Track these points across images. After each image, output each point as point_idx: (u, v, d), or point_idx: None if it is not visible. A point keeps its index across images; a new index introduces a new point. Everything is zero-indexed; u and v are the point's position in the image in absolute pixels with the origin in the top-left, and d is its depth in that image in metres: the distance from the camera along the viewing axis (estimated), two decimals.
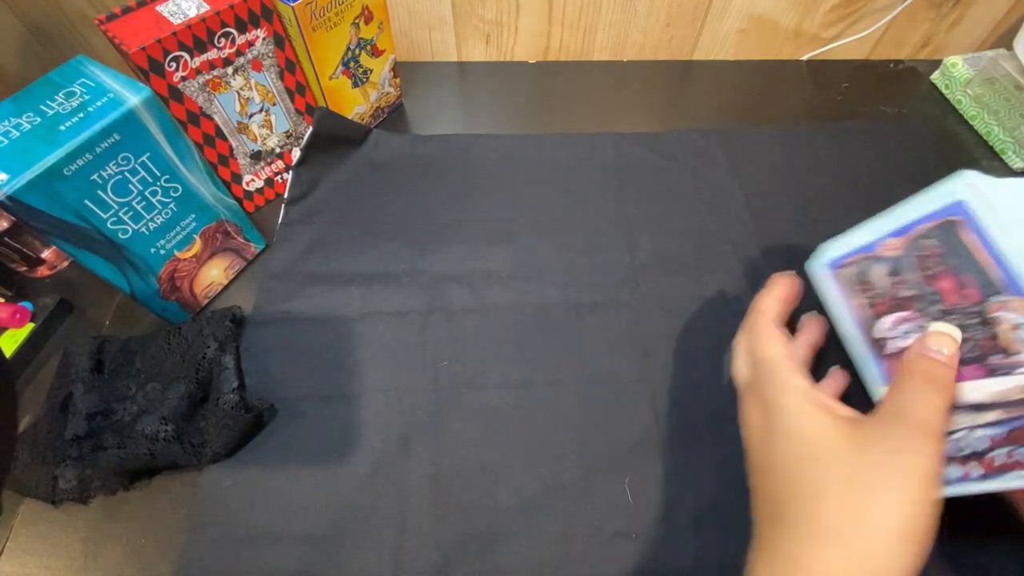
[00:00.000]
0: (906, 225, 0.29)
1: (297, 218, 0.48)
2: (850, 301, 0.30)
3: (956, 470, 0.26)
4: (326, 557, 0.33)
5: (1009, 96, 0.52)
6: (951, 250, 0.27)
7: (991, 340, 0.25)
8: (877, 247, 0.30)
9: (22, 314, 0.41)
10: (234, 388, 0.37)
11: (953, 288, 0.27)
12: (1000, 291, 0.25)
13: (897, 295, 0.28)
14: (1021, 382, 0.25)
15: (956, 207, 0.27)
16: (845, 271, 0.31)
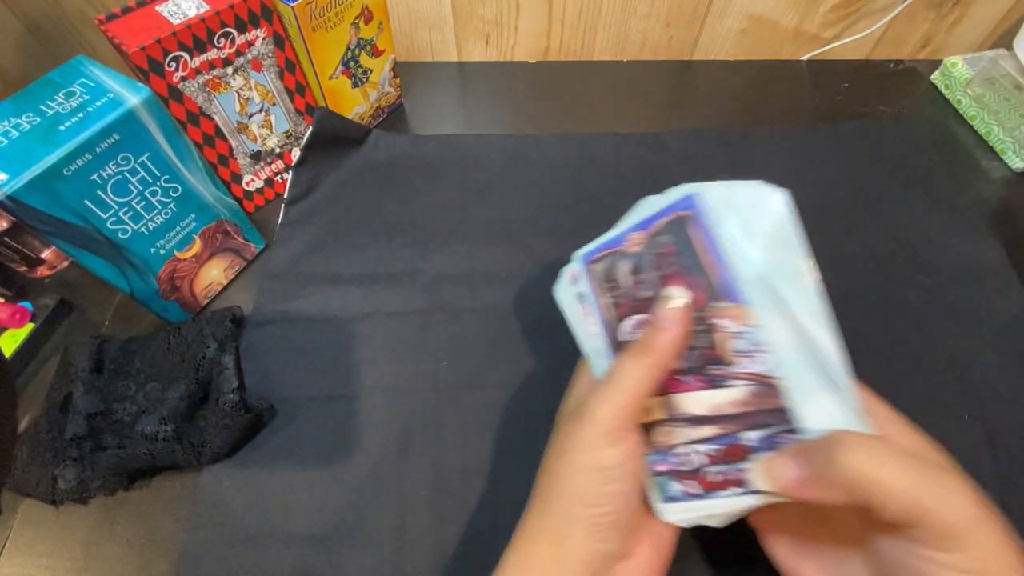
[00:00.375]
0: (647, 218, 0.27)
1: (297, 218, 0.48)
2: (599, 300, 0.29)
3: (677, 486, 0.26)
4: (326, 557, 0.33)
5: (1009, 96, 0.52)
6: (682, 248, 0.25)
7: (712, 349, 0.24)
8: (624, 241, 0.28)
9: (22, 314, 0.41)
10: (234, 388, 0.37)
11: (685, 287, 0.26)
12: (719, 297, 0.24)
13: (638, 295, 0.27)
14: (734, 396, 0.24)
15: (687, 201, 0.25)
16: (596, 267, 0.29)
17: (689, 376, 0.26)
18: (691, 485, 0.26)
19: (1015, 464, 0.36)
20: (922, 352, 0.40)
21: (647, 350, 0.25)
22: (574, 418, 0.26)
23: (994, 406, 0.38)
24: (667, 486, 0.27)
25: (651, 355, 0.25)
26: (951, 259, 0.45)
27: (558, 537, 0.25)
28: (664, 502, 0.27)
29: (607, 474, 0.24)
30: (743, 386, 0.24)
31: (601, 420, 0.25)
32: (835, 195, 0.49)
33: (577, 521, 0.24)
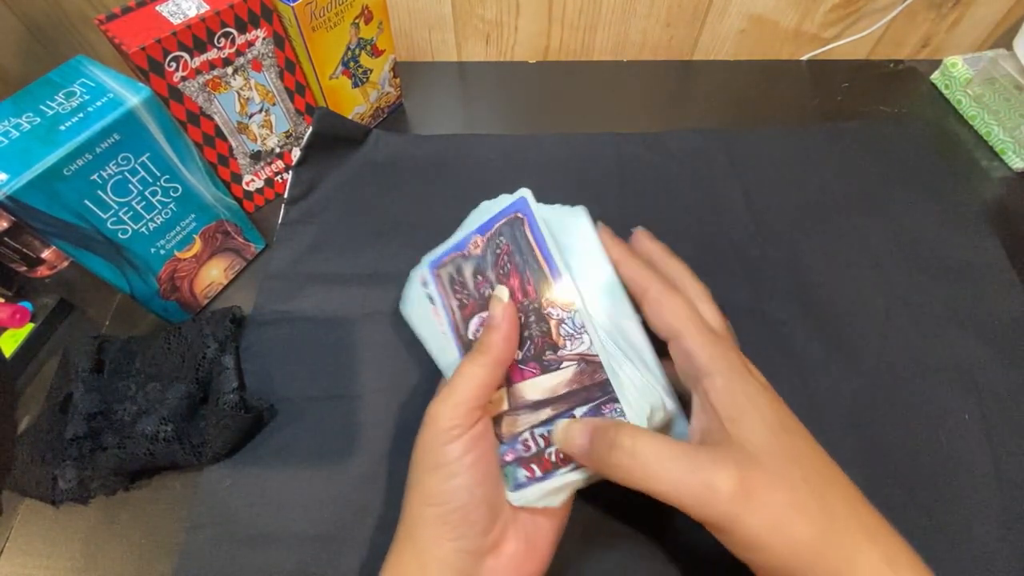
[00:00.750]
0: (486, 222, 0.30)
1: (297, 218, 0.48)
2: (447, 302, 0.31)
3: (523, 472, 0.27)
4: (326, 557, 0.33)
5: (1009, 96, 0.52)
6: (517, 247, 0.29)
7: (546, 337, 0.28)
8: (467, 245, 0.31)
9: (22, 314, 0.41)
10: (234, 388, 0.37)
11: (519, 286, 0.28)
12: (551, 288, 0.28)
13: (482, 294, 0.29)
14: (564, 376, 0.27)
15: (521, 202, 0.29)
16: (443, 271, 0.32)
17: (528, 364, 0.28)
18: (534, 469, 0.27)
19: (1015, 464, 0.36)
20: (922, 352, 0.40)
21: (482, 349, 0.27)
22: (423, 425, 0.27)
23: (994, 406, 0.38)
24: (514, 474, 0.28)
25: (486, 353, 0.27)
26: (951, 259, 0.45)
27: (417, 542, 0.26)
28: (514, 490, 0.28)
29: (447, 470, 0.26)
30: (571, 366, 0.27)
31: (438, 419, 0.26)
32: (835, 195, 0.49)
33: (428, 522, 0.26)
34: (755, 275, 0.44)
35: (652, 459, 0.23)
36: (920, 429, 0.37)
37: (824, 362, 0.40)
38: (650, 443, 0.23)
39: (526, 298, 0.28)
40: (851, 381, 0.39)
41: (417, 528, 0.26)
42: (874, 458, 0.36)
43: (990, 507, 0.34)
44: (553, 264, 0.28)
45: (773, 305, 0.43)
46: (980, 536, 0.33)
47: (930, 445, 0.37)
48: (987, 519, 0.34)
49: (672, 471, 0.23)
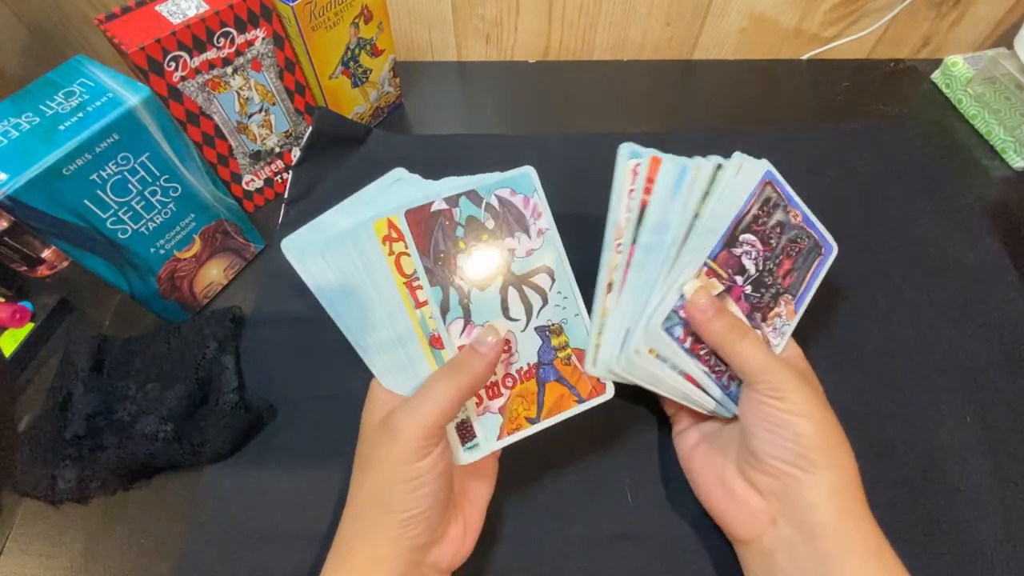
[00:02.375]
0: (810, 220, 0.36)
1: (297, 218, 0.48)
2: (752, 203, 0.34)
3: (679, 330, 0.32)
4: (325, 557, 0.33)
5: (1010, 95, 0.52)
6: (807, 256, 0.35)
7: (767, 307, 0.34)
8: (792, 207, 0.35)
9: (22, 314, 0.41)
10: (234, 388, 0.37)
11: (787, 269, 0.35)
12: (794, 296, 0.35)
13: (768, 235, 0.34)
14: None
15: (829, 248, 0.36)
16: (768, 188, 0.35)
17: (747, 302, 0.33)
18: (687, 339, 0.32)
19: (1015, 464, 0.36)
20: (922, 352, 0.40)
21: (461, 370, 0.28)
22: (383, 432, 0.28)
23: (994, 406, 0.38)
24: (674, 326, 0.31)
25: (465, 376, 0.28)
26: (952, 259, 0.45)
27: (373, 539, 0.27)
28: (664, 329, 0.31)
29: (418, 481, 0.26)
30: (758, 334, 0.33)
31: (411, 439, 0.26)
32: (835, 195, 0.49)
33: (391, 525, 0.26)
34: None
35: (755, 342, 0.30)
36: (920, 429, 0.37)
37: (825, 362, 0.40)
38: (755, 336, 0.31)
39: (781, 279, 0.34)
40: (851, 381, 0.39)
41: (372, 528, 0.27)
42: (874, 458, 0.36)
43: (990, 507, 0.34)
44: (806, 295, 0.35)
45: None
46: (980, 536, 0.33)
47: (930, 446, 0.36)
48: (987, 519, 0.34)
49: (762, 349, 0.30)
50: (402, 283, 0.30)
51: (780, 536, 0.28)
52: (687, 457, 0.34)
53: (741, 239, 0.33)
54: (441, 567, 0.29)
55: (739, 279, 0.33)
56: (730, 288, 0.32)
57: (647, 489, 0.35)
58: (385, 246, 0.30)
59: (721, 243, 0.32)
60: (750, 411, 0.30)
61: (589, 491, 0.35)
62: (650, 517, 0.34)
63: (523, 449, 0.36)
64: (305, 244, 0.33)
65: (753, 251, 0.33)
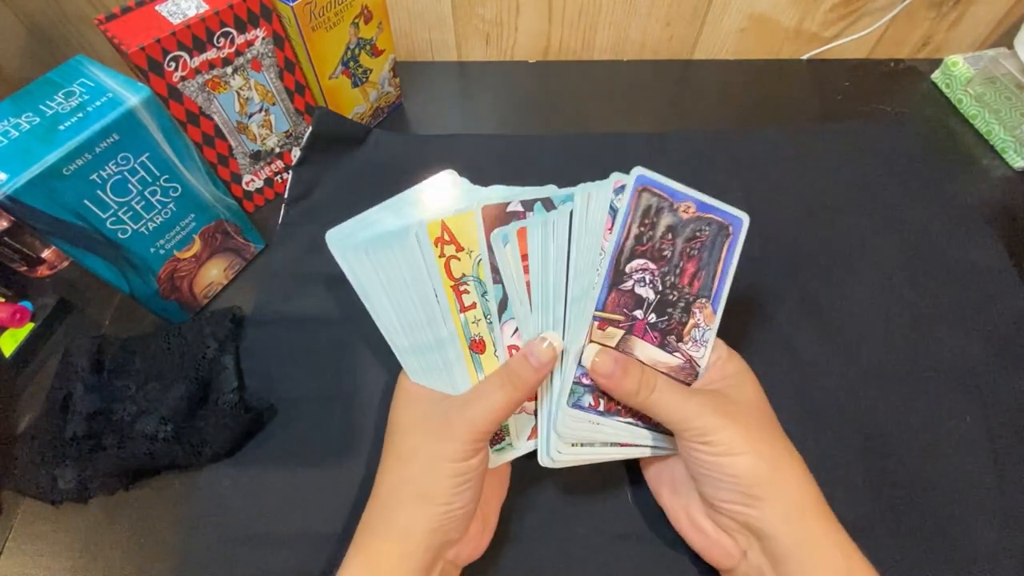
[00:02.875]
0: (708, 205, 0.32)
1: (297, 218, 0.48)
2: (629, 223, 0.31)
3: (589, 399, 0.31)
4: (326, 557, 0.33)
5: (1010, 95, 0.52)
6: (712, 248, 0.32)
7: (680, 326, 0.31)
8: (680, 203, 0.32)
9: (22, 314, 0.41)
10: (234, 388, 0.37)
11: (691, 274, 0.32)
12: (708, 297, 0.32)
13: (659, 249, 0.31)
14: (669, 362, 0.31)
15: (738, 222, 0.32)
16: (646, 196, 0.32)
17: (654, 333, 0.31)
18: (600, 402, 0.31)
19: (1015, 464, 0.36)
20: (922, 352, 0.40)
21: (516, 381, 0.29)
22: (436, 429, 0.29)
23: (994, 406, 0.38)
24: (580, 395, 0.31)
25: (520, 388, 0.29)
26: (952, 259, 0.45)
27: (406, 531, 0.27)
28: (572, 406, 0.30)
29: (464, 478, 0.28)
30: (678, 361, 0.32)
31: (466, 440, 0.28)
32: (835, 194, 0.49)
33: (431, 518, 0.27)
34: (756, 275, 0.44)
35: (667, 390, 0.29)
36: (921, 430, 0.37)
37: (824, 362, 0.40)
38: (667, 381, 0.30)
39: (688, 287, 0.31)
40: (852, 381, 0.39)
41: (410, 520, 0.27)
42: (874, 458, 0.36)
43: (990, 508, 0.34)
44: (723, 286, 0.32)
45: (774, 305, 0.43)
46: (980, 536, 0.33)
47: (931, 446, 0.36)
48: (987, 520, 0.34)
49: (676, 395, 0.29)
50: (450, 286, 0.31)
51: (752, 566, 0.28)
52: (655, 490, 0.34)
53: (628, 269, 0.31)
54: (458, 562, 0.30)
55: (639, 313, 0.31)
56: (631, 326, 0.31)
57: (647, 489, 0.35)
58: (437, 248, 0.31)
59: (606, 286, 0.31)
60: (687, 458, 0.29)
61: (590, 492, 0.35)
62: (650, 517, 0.34)
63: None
64: (350, 238, 0.33)
65: (646, 275, 0.31)
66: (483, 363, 0.32)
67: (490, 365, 0.32)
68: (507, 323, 0.32)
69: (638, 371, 0.30)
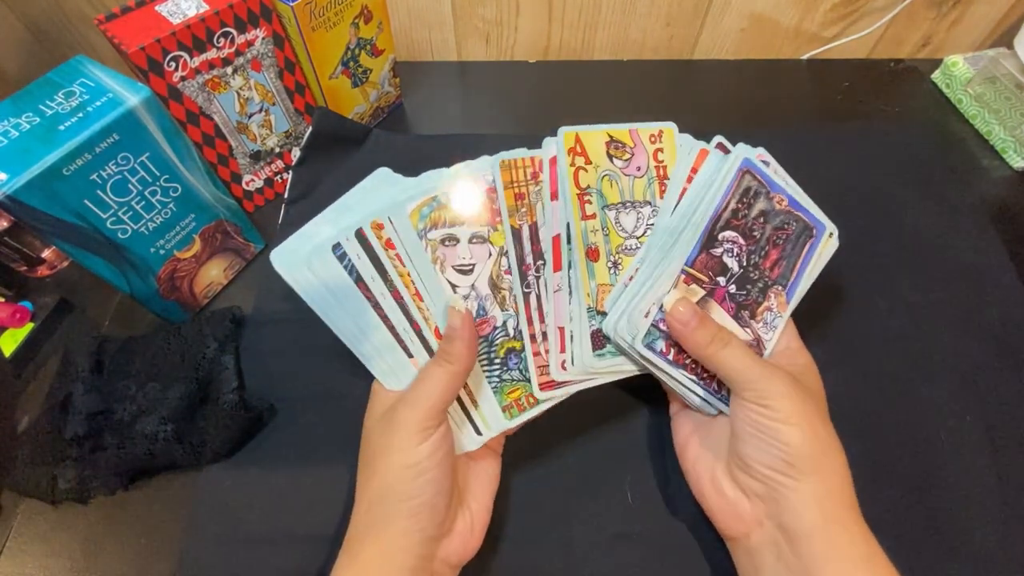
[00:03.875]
0: (799, 203, 0.34)
1: (297, 218, 0.48)
2: (730, 197, 0.33)
3: (661, 344, 0.32)
4: (326, 557, 0.33)
5: (1010, 95, 0.52)
6: (795, 241, 0.34)
7: (755, 304, 0.33)
8: (776, 193, 0.34)
9: (22, 314, 0.41)
10: (234, 388, 0.37)
11: (774, 260, 0.33)
12: (784, 286, 0.34)
13: (750, 228, 0.33)
14: (740, 335, 0.32)
15: (821, 227, 0.35)
16: (748, 177, 0.33)
17: (733, 303, 0.33)
18: (670, 350, 0.32)
19: (1015, 464, 0.36)
20: (922, 352, 0.40)
21: (448, 358, 0.29)
22: (384, 425, 0.29)
23: (994, 406, 0.38)
24: (655, 338, 0.32)
25: (453, 363, 0.29)
26: (952, 259, 0.45)
27: (381, 533, 0.27)
28: (644, 343, 0.31)
29: (419, 467, 0.27)
30: (750, 336, 0.33)
31: (410, 424, 0.28)
32: (835, 195, 0.49)
33: (397, 515, 0.27)
34: None
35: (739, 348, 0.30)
36: (921, 430, 0.37)
37: (825, 362, 0.40)
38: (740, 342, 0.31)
39: (769, 271, 0.33)
40: (852, 382, 0.39)
41: (385, 520, 0.27)
42: (875, 458, 0.36)
43: (990, 508, 0.34)
44: (799, 280, 0.34)
45: None
46: (980, 536, 0.33)
47: (931, 446, 0.36)
48: (987, 520, 0.34)
49: (748, 355, 0.30)
50: (575, 194, 0.35)
51: (766, 537, 0.28)
52: (681, 447, 0.34)
53: (721, 237, 0.32)
54: (451, 562, 0.29)
55: (722, 280, 0.32)
56: (713, 291, 0.32)
57: (647, 489, 0.35)
58: (568, 156, 0.36)
59: (699, 245, 0.32)
60: (738, 417, 0.30)
61: (590, 491, 0.35)
62: (650, 517, 0.34)
63: (523, 448, 0.36)
64: (292, 255, 0.33)
65: (735, 248, 0.33)
66: (596, 271, 0.33)
67: (602, 274, 0.33)
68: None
69: (714, 325, 0.31)
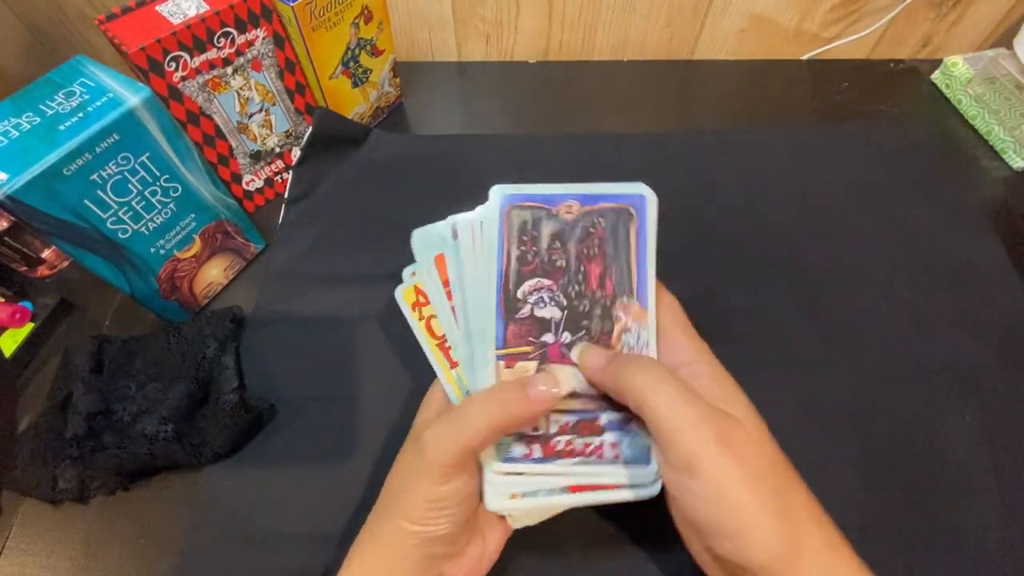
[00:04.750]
0: (593, 195, 0.28)
1: (297, 218, 0.48)
2: (506, 247, 0.28)
3: (520, 448, 0.26)
4: (326, 557, 0.33)
5: (1009, 95, 0.52)
6: (614, 238, 0.28)
7: (605, 336, 0.27)
8: (559, 204, 0.28)
9: (22, 314, 0.41)
10: (234, 388, 0.37)
11: (598, 275, 0.28)
12: (630, 293, 0.27)
13: (550, 261, 0.28)
14: None
15: (638, 199, 0.28)
16: (516, 214, 0.28)
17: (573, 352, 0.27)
18: (534, 449, 0.26)
19: (1015, 464, 0.36)
20: (922, 352, 0.40)
21: (503, 408, 0.25)
22: (413, 444, 0.27)
23: (994, 406, 0.38)
24: (510, 446, 0.26)
25: (505, 416, 0.25)
26: (952, 259, 0.45)
27: (389, 546, 0.26)
28: (503, 461, 0.26)
29: (440, 503, 0.25)
30: None
31: (437, 462, 0.25)
32: (835, 195, 0.49)
33: (407, 536, 0.25)
34: (755, 275, 0.44)
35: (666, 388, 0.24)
36: (921, 430, 0.37)
37: (824, 362, 0.40)
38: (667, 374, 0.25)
39: (600, 290, 0.27)
40: (851, 382, 0.39)
41: (395, 536, 0.26)
42: (874, 458, 0.36)
43: (990, 508, 0.34)
44: (644, 275, 0.27)
45: (773, 305, 0.43)
46: (980, 536, 0.33)
47: (930, 446, 0.36)
48: (987, 520, 0.34)
49: (674, 398, 0.24)
50: (435, 345, 0.31)
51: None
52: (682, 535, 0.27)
53: (520, 295, 0.27)
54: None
55: (548, 337, 0.27)
56: (543, 354, 0.27)
57: None
58: (415, 312, 0.32)
59: (499, 321, 0.27)
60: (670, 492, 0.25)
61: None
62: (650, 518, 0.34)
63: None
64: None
65: (544, 294, 0.27)
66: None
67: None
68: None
69: (637, 357, 0.26)
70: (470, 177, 0.51)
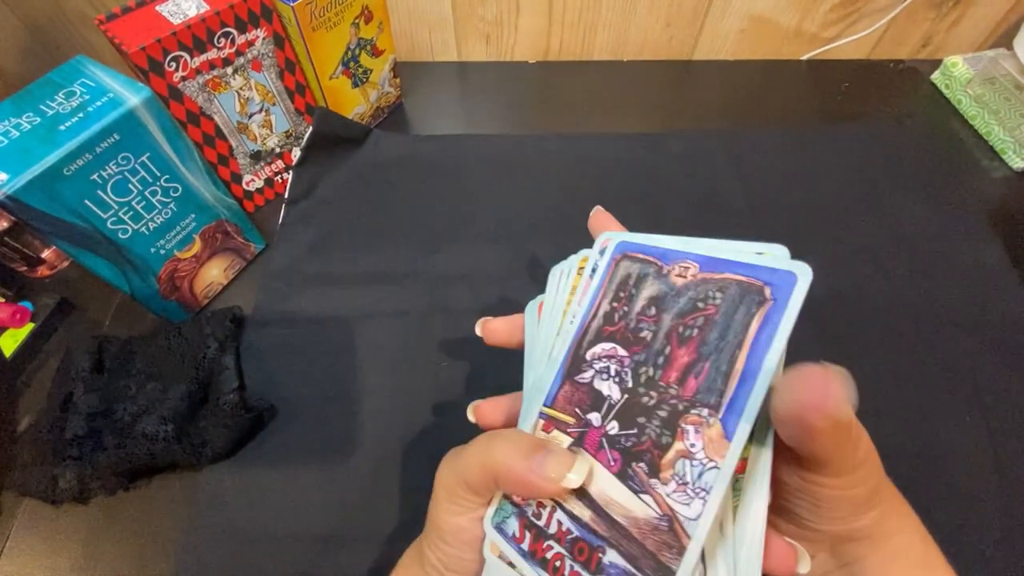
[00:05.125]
0: (720, 260, 0.21)
1: (297, 218, 0.48)
2: (599, 300, 0.23)
3: (514, 524, 0.22)
4: (326, 557, 0.33)
5: (1009, 96, 0.52)
6: (725, 323, 0.20)
7: (656, 450, 0.19)
8: (675, 263, 0.22)
9: (22, 314, 0.41)
10: (234, 388, 0.37)
11: (683, 366, 0.20)
12: (715, 407, 0.19)
13: (635, 329, 0.22)
14: (633, 507, 0.19)
15: (784, 278, 0.20)
16: (626, 264, 0.23)
17: (614, 452, 0.21)
18: (526, 537, 0.22)
19: (1015, 464, 0.36)
20: (922, 352, 0.40)
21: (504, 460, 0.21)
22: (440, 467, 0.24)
23: (994, 406, 0.38)
24: (507, 519, 0.22)
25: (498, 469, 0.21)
26: (952, 259, 0.45)
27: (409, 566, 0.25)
28: (494, 526, 0.22)
29: (443, 535, 0.23)
30: (649, 509, 0.19)
31: (439, 479, 0.23)
32: (835, 195, 0.49)
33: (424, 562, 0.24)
34: None
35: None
36: (921, 430, 0.37)
37: (824, 362, 0.40)
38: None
39: (677, 387, 0.20)
40: None
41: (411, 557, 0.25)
42: None
43: (990, 508, 0.34)
44: (747, 391, 0.19)
45: None
46: (980, 536, 0.33)
47: (931, 446, 0.36)
48: (987, 520, 0.34)
49: None
50: None
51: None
52: None
53: (590, 356, 0.22)
54: None
55: (594, 416, 0.21)
56: (582, 436, 0.21)
57: None
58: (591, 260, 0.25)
59: (560, 375, 0.23)
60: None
61: None
62: None
63: None
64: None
65: (611, 365, 0.22)
66: None
67: None
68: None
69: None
70: (470, 177, 0.51)
